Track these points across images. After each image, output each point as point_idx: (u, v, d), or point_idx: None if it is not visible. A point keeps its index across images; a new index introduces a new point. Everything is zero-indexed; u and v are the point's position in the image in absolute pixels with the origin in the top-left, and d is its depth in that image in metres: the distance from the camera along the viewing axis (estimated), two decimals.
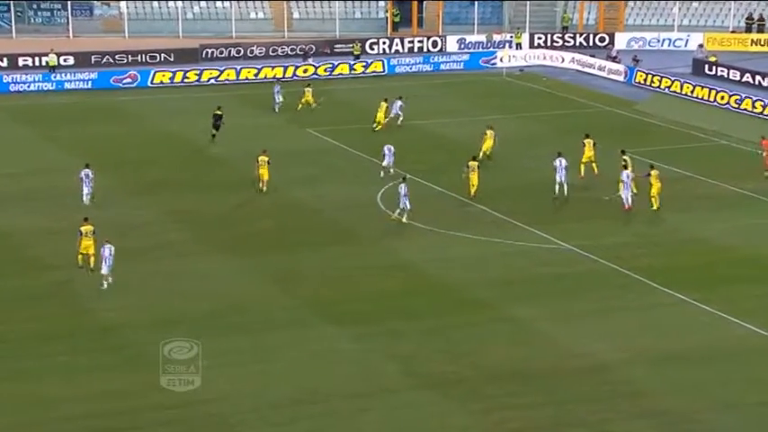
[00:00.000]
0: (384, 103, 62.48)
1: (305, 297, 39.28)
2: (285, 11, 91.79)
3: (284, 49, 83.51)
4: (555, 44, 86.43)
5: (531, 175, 53.72)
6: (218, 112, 60.43)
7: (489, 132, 55.53)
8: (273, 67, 77.78)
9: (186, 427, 30.63)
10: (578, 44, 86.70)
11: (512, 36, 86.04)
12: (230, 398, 31.66)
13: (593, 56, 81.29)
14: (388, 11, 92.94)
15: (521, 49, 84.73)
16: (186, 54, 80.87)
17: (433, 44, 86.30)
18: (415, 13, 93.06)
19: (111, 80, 75.07)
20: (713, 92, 69.75)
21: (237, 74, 77.13)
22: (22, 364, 34.11)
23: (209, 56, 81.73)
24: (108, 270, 39.27)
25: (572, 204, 49.24)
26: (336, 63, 79.39)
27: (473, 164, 49.87)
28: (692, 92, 70.96)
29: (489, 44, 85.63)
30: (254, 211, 48.87)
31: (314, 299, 39.13)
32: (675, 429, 30.62)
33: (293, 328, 36.60)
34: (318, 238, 45.32)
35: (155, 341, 33.31)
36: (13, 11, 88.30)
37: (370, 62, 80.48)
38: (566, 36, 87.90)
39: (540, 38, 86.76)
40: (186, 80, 76.03)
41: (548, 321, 37.37)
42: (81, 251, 40.58)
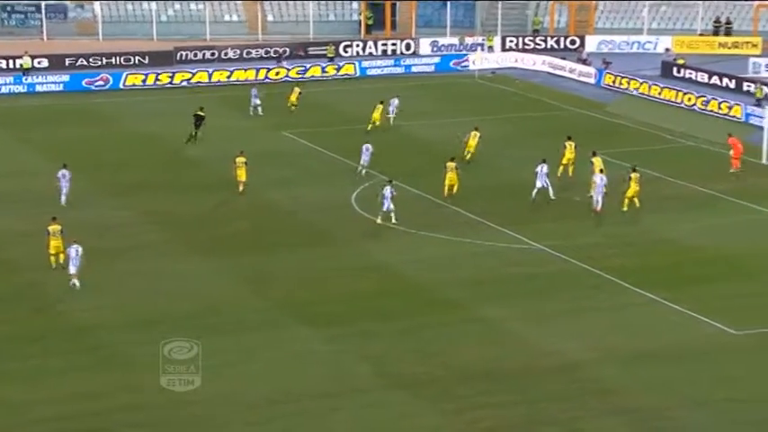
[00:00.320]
0: (380, 105, 62.94)
1: (279, 298, 39.50)
2: (259, 13, 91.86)
3: (258, 51, 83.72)
4: (526, 47, 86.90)
5: (505, 176, 54.13)
6: (200, 113, 60.55)
7: (473, 133, 56.07)
8: (246, 70, 78.03)
9: (160, 429, 30.59)
10: (549, 47, 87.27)
11: (483, 39, 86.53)
12: (207, 399, 31.57)
13: (563, 58, 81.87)
14: (362, 13, 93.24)
15: (492, 51, 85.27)
16: (160, 57, 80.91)
17: (407, 47, 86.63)
18: (389, 15, 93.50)
19: (84, 82, 75.12)
20: (681, 93, 70.34)
21: (210, 76, 77.35)
22: None
23: (183, 58, 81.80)
24: (75, 270, 39.23)
25: (544, 205, 49.60)
26: (308, 66, 79.67)
27: (451, 164, 50.23)
28: (660, 94, 71.52)
29: (462, 47, 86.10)
30: (230, 213, 49.06)
31: (288, 300, 39.33)
32: (646, 426, 30.92)
33: (268, 330, 36.77)
34: (294, 239, 45.56)
35: (129, 341, 33.55)
36: None
37: (342, 65, 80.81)
38: (537, 39, 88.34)
39: (512, 41, 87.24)
40: (159, 82, 76.13)
41: (519, 321, 37.61)
42: (51, 252, 40.66)
